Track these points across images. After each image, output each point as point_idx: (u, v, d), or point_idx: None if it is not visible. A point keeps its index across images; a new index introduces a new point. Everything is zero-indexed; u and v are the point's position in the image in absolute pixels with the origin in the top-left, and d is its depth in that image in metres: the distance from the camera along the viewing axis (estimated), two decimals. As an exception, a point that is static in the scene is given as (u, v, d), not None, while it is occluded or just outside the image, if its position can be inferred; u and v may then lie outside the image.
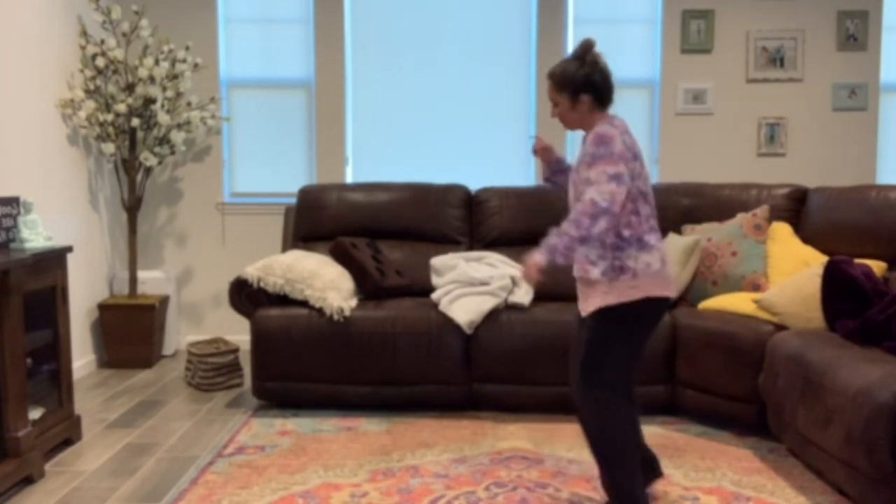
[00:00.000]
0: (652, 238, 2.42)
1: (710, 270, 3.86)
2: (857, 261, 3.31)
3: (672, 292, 2.46)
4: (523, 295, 3.82)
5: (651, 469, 2.69)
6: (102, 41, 4.63)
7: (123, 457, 3.24)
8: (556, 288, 4.17)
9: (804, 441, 2.94)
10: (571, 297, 4.16)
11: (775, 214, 4.06)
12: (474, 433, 3.48)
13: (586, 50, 2.48)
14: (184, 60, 4.80)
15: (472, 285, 3.82)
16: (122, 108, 4.56)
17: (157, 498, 2.82)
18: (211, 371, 4.20)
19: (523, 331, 3.67)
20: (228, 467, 3.08)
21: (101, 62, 4.58)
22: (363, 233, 4.41)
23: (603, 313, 2.43)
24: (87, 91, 4.58)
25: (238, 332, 5.23)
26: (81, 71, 4.59)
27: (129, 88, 4.67)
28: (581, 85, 2.45)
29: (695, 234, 4.03)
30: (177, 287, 5.13)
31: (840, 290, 3.16)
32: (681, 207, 4.29)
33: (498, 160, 5.25)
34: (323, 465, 3.09)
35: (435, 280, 4.03)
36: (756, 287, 3.74)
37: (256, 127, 5.26)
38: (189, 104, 4.92)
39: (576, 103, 2.48)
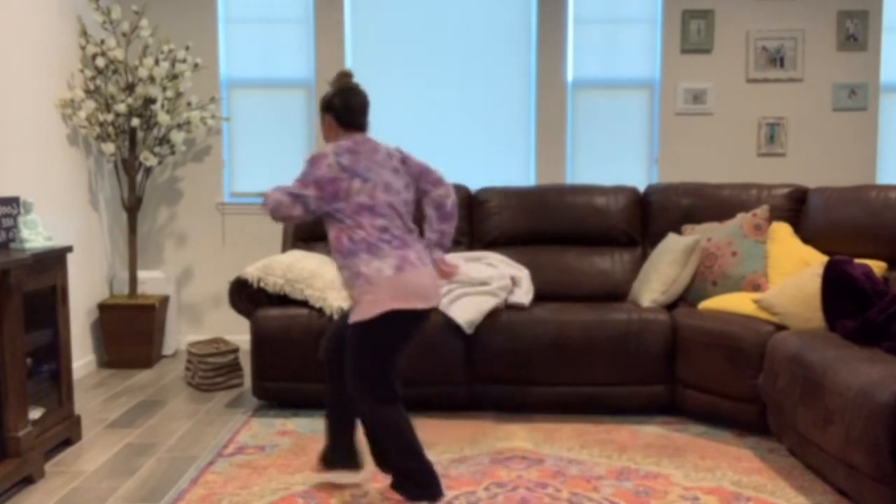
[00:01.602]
0: (385, 246, 2.53)
1: (710, 270, 3.87)
2: (857, 261, 3.31)
3: (420, 303, 2.53)
4: (523, 295, 3.82)
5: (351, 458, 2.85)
6: (102, 41, 4.63)
7: (123, 457, 3.24)
8: (556, 288, 4.18)
9: (804, 441, 2.94)
10: (571, 298, 4.16)
11: (775, 214, 4.06)
12: (474, 433, 3.48)
13: (337, 77, 2.75)
14: (184, 60, 4.80)
15: (472, 285, 3.82)
16: (122, 108, 4.57)
17: (157, 498, 2.82)
18: (211, 371, 4.20)
19: (523, 331, 3.67)
20: (228, 467, 3.08)
21: (101, 62, 4.58)
22: (363, 233, 4.41)
23: (354, 327, 2.57)
24: (87, 91, 4.58)
25: (238, 332, 5.23)
26: (81, 71, 4.59)
27: (129, 88, 4.67)
28: (324, 106, 2.72)
29: (695, 234, 4.03)
30: (177, 287, 5.13)
31: (840, 290, 3.16)
32: (681, 207, 4.29)
33: (498, 160, 5.25)
34: (323, 465, 3.09)
35: (435, 280, 4.02)
36: (756, 287, 3.74)
37: (256, 127, 5.26)
38: (189, 104, 4.93)
39: (322, 122, 2.75)
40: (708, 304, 3.70)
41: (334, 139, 2.71)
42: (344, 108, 2.69)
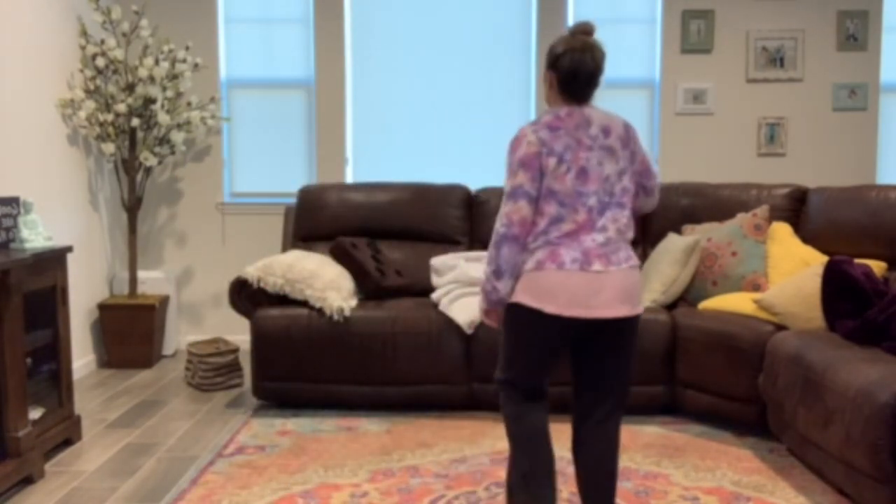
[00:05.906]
0: (541, 240, 2.24)
1: (710, 270, 3.86)
2: (857, 261, 3.31)
3: (552, 307, 2.20)
4: (523, 295, 3.82)
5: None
6: (102, 41, 4.63)
7: (123, 457, 3.24)
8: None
9: (804, 441, 2.94)
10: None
11: (775, 214, 4.06)
12: (474, 433, 3.48)
13: (579, 31, 2.32)
14: (184, 60, 4.80)
15: (472, 285, 3.81)
16: (122, 108, 4.57)
17: (157, 498, 2.82)
18: (211, 371, 4.20)
19: (523, 331, 3.66)
20: (228, 467, 3.08)
21: (101, 62, 4.58)
22: (363, 233, 4.41)
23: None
24: (87, 91, 4.58)
25: (238, 332, 5.23)
26: (81, 71, 4.59)
27: (129, 88, 4.67)
28: (550, 62, 2.31)
29: (695, 234, 4.03)
30: (177, 287, 5.13)
31: (840, 290, 3.16)
32: (681, 207, 4.29)
33: (498, 160, 5.24)
34: (323, 465, 3.09)
35: (435, 280, 4.03)
36: (756, 287, 3.74)
37: (256, 127, 5.26)
38: (189, 104, 4.92)
39: (547, 79, 2.34)
40: (708, 304, 3.70)
41: (552, 103, 2.34)
42: (570, 72, 2.26)
